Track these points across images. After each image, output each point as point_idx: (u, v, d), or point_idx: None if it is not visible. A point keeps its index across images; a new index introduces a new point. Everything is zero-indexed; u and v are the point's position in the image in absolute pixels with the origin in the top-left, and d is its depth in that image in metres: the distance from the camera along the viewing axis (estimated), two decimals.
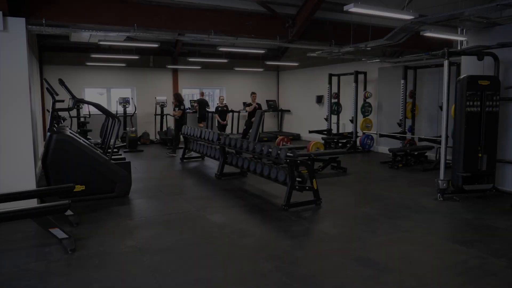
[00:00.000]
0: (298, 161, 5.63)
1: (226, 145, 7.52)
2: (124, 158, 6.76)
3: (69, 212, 5.11)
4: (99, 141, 8.89)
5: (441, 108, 8.99)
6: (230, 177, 7.88)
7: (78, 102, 6.07)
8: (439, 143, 8.84)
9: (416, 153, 9.34)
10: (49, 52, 12.73)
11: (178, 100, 10.77)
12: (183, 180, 7.81)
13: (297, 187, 5.62)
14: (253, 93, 11.27)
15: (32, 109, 7.92)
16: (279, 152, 5.86)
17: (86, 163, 5.99)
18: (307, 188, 5.72)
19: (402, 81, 9.78)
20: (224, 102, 12.70)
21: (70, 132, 6.27)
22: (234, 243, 4.34)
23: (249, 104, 11.15)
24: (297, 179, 5.73)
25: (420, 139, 8.91)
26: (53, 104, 6.12)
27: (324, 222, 5.09)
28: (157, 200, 6.20)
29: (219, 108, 12.18)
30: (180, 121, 10.67)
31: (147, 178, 7.82)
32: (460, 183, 6.24)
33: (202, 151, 9.21)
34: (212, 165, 9.30)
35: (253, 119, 10.52)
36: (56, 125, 6.86)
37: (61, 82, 6.09)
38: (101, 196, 6.18)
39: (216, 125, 12.44)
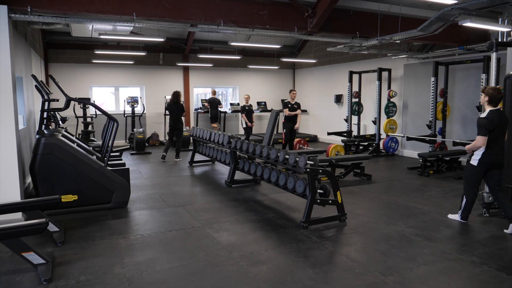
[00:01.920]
0: (320, 171, 4.83)
1: (237, 150, 6.76)
2: (123, 164, 6.06)
3: (54, 228, 4.44)
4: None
5: (478, 108, 8.08)
6: (241, 184, 7.11)
7: (70, 101, 5.38)
8: None
9: (448, 158, 8.41)
10: (54, 50, 12.21)
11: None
12: (190, 187, 7.08)
13: (318, 200, 4.81)
14: (292, 90, 9.60)
15: (30, 109, 7.34)
16: (297, 159, 5.06)
17: (79, 170, 5.31)
18: (330, 202, 4.91)
19: (433, 79, 8.86)
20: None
21: (62, 135, 5.59)
22: (244, 273, 3.57)
23: (288, 104, 9.29)
24: (319, 190, 4.94)
25: (455, 143, 7.97)
26: (43, 103, 5.45)
27: (351, 245, 4.27)
28: (158, 212, 5.47)
29: (246, 108, 11.06)
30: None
31: (150, 185, 7.12)
32: (509, 196, 5.33)
33: (212, 155, 8.48)
34: (222, 170, 8.56)
35: (296, 126, 9.36)
36: (49, 126, 6.20)
37: (52, 78, 5.42)
38: (96, 207, 5.49)
39: (244, 126, 11.30)
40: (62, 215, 5.24)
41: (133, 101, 12.43)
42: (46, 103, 6.04)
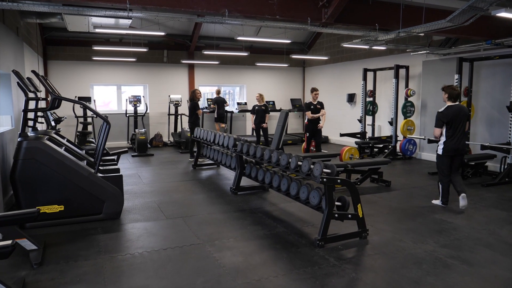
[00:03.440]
0: (338, 181, 4.18)
1: (243, 154, 6.14)
2: (117, 170, 5.47)
3: (31, 246, 3.86)
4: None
5: (509, 108, 7.37)
6: (248, 191, 6.50)
7: (57, 100, 4.80)
8: (506, 151, 7.26)
9: (473, 163, 7.68)
10: (53, 46, 11.69)
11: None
12: (192, 194, 6.47)
13: (336, 215, 4.17)
14: (315, 89, 8.55)
15: (20, 109, 6.79)
16: (312, 167, 4.42)
17: (65, 177, 4.74)
18: (349, 216, 4.26)
19: (456, 76, 8.13)
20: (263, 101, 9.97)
21: (49, 138, 5.02)
22: None
23: (311, 105, 8.42)
24: (336, 203, 4.30)
25: (483, 147, 7.28)
26: (26, 102, 4.87)
27: (376, 270, 3.62)
28: (154, 225, 4.87)
29: (256, 108, 9.84)
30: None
31: (149, 192, 6.53)
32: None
33: (217, 159, 7.86)
34: (228, 174, 7.95)
35: (320, 125, 8.51)
36: (37, 128, 5.63)
37: (36, 74, 4.85)
38: (85, 218, 4.91)
39: (253, 126, 10.08)
40: (46, 227, 4.68)
41: (135, 100, 11.88)
42: (34, 102, 5.49)
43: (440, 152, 5.56)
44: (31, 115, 5.85)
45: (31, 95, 5.51)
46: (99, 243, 4.23)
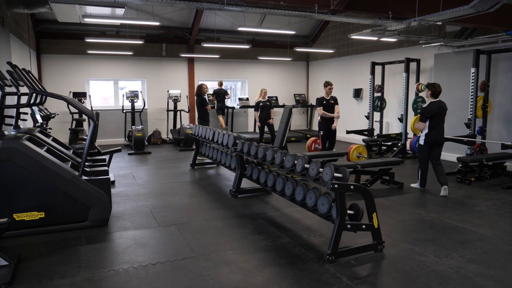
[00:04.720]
0: (352, 187, 3.68)
1: (244, 154, 5.64)
2: (105, 172, 4.98)
3: (1, 262, 3.39)
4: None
5: None
6: (249, 194, 6.00)
7: (35, 94, 4.32)
8: None
9: (491, 163, 7.15)
10: (47, 40, 11.19)
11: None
12: (188, 197, 5.99)
13: (348, 225, 3.67)
14: (329, 84, 7.67)
15: None
16: (320, 171, 3.92)
17: (46, 180, 4.26)
18: (363, 227, 3.76)
19: (473, 70, 7.60)
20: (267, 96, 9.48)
21: (29, 137, 4.55)
22: None
23: (323, 101, 7.61)
24: (348, 211, 3.80)
25: (504, 146, 6.75)
26: (2, 98, 4.39)
27: None
28: (144, 234, 4.39)
29: (261, 104, 9.18)
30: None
31: (143, 194, 6.05)
32: None
33: (216, 158, 7.37)
34: (228, 174, 7.45)
35: (333, 125, 7.63)
36: (20, 125, 5.16)
37: (13, 66, 4.36)
38: (68, 226, 4.44)
39: (258, 125, 9.48)
40: (25, 237, 4.21)
41: (132, 96, 11.40)
42: (17, 97, 5.01)
43: (422, 142, 6.16)
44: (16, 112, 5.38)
45: (11, 90, 5.04)
46: (80, 256, 3.75)
